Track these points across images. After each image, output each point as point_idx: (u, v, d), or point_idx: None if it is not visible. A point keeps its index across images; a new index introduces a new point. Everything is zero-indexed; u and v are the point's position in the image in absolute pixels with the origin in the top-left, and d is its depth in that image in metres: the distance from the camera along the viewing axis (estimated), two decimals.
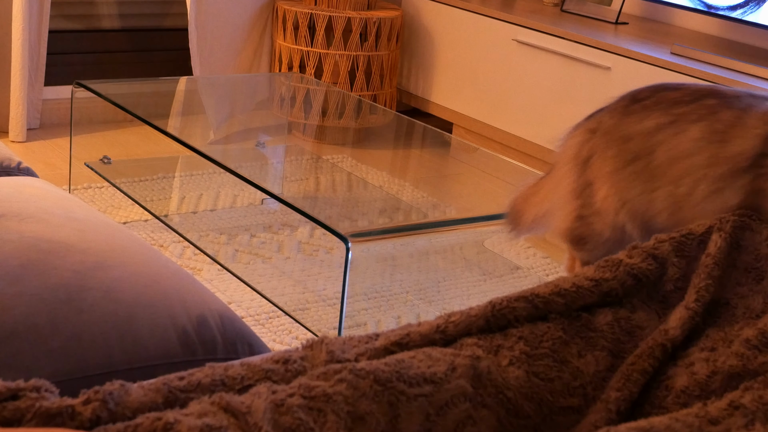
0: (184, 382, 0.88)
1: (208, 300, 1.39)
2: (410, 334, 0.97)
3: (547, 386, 0.94)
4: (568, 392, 0.94)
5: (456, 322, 0.99)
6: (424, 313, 2.65)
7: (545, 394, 0.94)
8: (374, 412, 0.86)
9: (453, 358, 0.93)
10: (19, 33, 3.46)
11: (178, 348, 1.29)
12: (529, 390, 0.93)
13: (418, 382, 0.89)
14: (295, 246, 2.96)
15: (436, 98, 4.12)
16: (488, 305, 1.00)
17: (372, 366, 0.89)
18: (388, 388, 0.87)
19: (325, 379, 0.87)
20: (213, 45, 3.89)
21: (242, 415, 0.82)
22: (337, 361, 0.93)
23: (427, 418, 0.88)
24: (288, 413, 0.83)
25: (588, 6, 3.90)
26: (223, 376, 0.90)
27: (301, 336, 2.45)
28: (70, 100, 3.23)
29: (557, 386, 0.95)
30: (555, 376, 0.95)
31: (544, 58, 3.62)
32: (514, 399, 0.92)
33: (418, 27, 4.16)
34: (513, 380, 0.93)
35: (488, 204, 3.12)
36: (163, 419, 0.80)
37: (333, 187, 3.41)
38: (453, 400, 0.89)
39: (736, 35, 3.60)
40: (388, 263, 2.94)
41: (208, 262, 2.78)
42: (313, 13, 3.86)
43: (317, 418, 0.84)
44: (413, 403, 0.88)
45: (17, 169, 1.80)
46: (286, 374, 0.91)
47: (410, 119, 3.46)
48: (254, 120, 3.71)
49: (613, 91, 3.40)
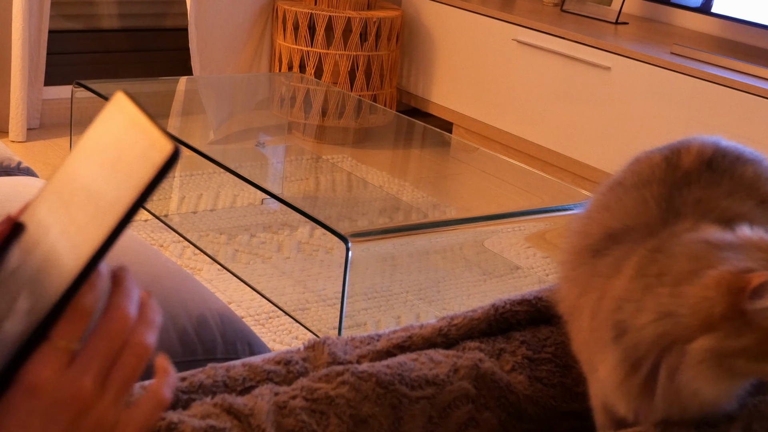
0: (185, 383, 0.88)
1: (208, 300, 1.39)
2: (412, 337, 0.97)
3: (550, 391, 0.94)
4: (570, 397, 0.94)
5: (458, 324, 0.99)
6: (424, 313, 2.65)
7: (548, 399, 0.93)
8: (377, 414, 0.86)
9: (455, 360, 0.92)
10: (19, 33, 3.45)
11: (178, 348, 1.29)
12: (532, 394, 0.93)
13: (420, 385, 0.89)
14: (295, 246, 2.96)
15: (436, 98, 4.12)
16: (490, 308, 1.00)
17: (374, 368, 0.89)
18: (390, 391, 0.87)
19: (328, 381, 0.87)
20: (213, 45, 3.89)
21: (245, 417, 0.82)
22: (338, 362, 0.93)
23: (429, 420, 0.88)
24: (291, 415, 0.83)
25: (588, 6, 3.90)
26: (224, 377, 0.90)
27: (301, 336, 2.45)
28: (70, 100, 3.23)
29: (560, 391, 0.94)
30: (558, 381, 0.95)
31: (544, 58, 3.62)
32: (516, 403, 0.92)
33: (418, 27, 4.16)
34: (516, 384, 0.93)
35: (488, 204, 3.13)
36: (166, 420, 0.80)
37: (333, 187, 3.42)
38: (455, 402, 0.89)
39: (736, 35, 3.60)
40: (388, 263, 2.94)
41: (208, 262, 2.78)
42: (313, 13, 3.86)
43: (320, 420, 0.84)
44: (415, 405, 0.88)
45: (17, 169, 1.80)
46: (287, 375, 0.91)
47: (410, 119, 3.46)
48: (254, 120, 3.71)
49: (613, 91, 3.41)
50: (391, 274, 2.87)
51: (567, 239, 0.90)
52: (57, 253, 0.62)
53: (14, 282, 0.64)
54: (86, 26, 3.90)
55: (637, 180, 0.87)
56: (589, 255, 0.85)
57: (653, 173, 0.86)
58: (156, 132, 0.62)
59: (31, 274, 0.63)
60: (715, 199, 0.83)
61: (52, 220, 0.64)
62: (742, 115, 3.03)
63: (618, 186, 0.88)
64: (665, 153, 0.88)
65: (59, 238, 0.63)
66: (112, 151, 0.64)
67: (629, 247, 0.81)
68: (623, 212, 0.85)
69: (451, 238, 3.11)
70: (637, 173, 0.88)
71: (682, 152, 0.87)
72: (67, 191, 0.64)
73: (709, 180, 0.85)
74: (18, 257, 0.65)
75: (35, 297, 0.62)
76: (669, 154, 0.88)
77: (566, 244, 0.90)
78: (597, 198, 0.90)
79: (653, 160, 0.88)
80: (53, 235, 0.63)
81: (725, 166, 0.86)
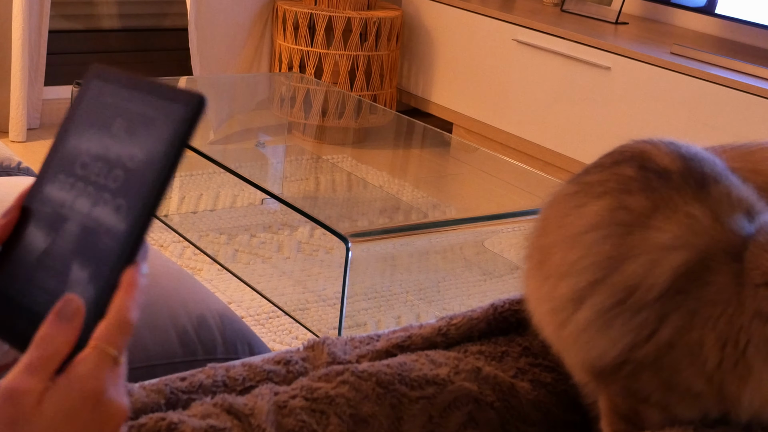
0: (185, 383, 0.88)
1: (208, 300, 1.39)
2: (411, 336, 0.97)
3: (553, 399, 0.94)
4: (572, 408, 0.94)
5: (457, 324, 0.99)
6: (424, 313, 2.65)
7: (551, 406, 0.93)
8: (377, 414, 0.86)
9: (457, 363, 0.92)
10: (19, 33, 3.45)
11: (178, 348, 1.29)
12: (535, 398, 0.93)
13: (421, 385, 0.89)
14: (295, 246, 2.96)
15: (436, 98, 4.12)
16: (490, 308, 1.00)
17: (374, 368, 0.89)
18: (390, 391, 0.87)
19: (328, 380, 0.87)
20: (213, 45, 3.89)
21: (245, 417, 0.82)
22: (338, 362, 0.93)
23: (429, 419, 0.88)
24: (291, 415, 0.83)
25: (588, 6, 3.90)
26: (224, 377, 0.90)
27: (301, 336, 2.45)
28: (70, 100, 3.23)
29: (563, 400, 0.94)
30: (561, 390, 0.94)
31: (544, 58, 3.62)
32: (519, 406, 0.91)
33: (418, 27, 4.16)
34: (519, 388, 0.93)
35: (488, 204, 3.12)
36: (166, 420, 0.80)
37: (333, 187, 3.42)
38: (456, 402, 0.89)
39: (736, 35, 3.60)
40: (388, 263, 2.94)
41: (208, 262, 2.78)
42: (313, 13, 3.86)
43: (320, 420, 0.84)
44: (415, 405, 0.88)
45: (17, 169, 1.80)
46: (287, 375, 0.91)
47: (410, 119, 3.46)
48: (254, 120, 3.70)
49: (613, 91, 3.41)
50: (391, 274, 2.87)
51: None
52: (98, 220, 0.64)
53: (55, 258, 0.65)
54: (86, 26, 3.90)
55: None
56: None
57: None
58: (166, 88, 0.65)
59: (73, 246, 0.65)
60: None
61: (71, 195, 0.66)
62: (742, 115, 3.03)
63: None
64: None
65: (92, 207, 0.65)
66: (116, 118, 0.66)
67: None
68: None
69: (451, 238, 3.11)
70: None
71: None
72: (77, 166, 0.67)
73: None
74: (43, 237, 0.66)
75: (93, 263, 0.64)
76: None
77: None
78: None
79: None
80: (82, 207, 0.65)
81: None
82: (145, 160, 0.64)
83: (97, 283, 0.63)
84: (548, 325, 0.85)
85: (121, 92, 0.67)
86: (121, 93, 0.67)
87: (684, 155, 0.82)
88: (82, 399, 0.59)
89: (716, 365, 0.76)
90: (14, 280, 0.66)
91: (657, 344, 0.77)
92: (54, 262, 0.65)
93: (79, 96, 0.69)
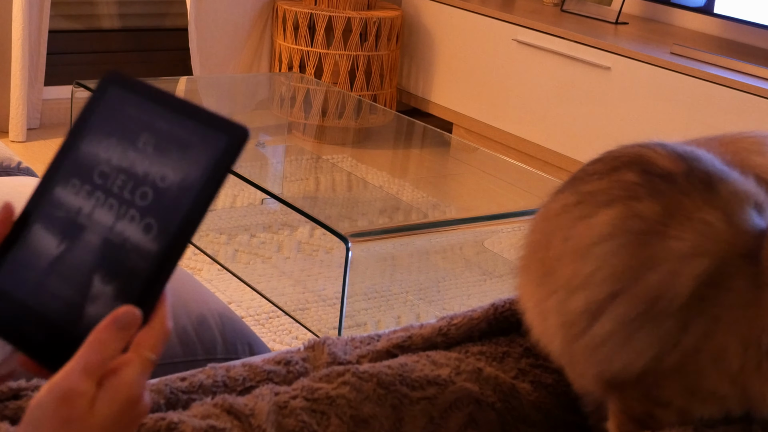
0: (185, 383, 0.88)
1: (208, 300, 1.39)
2: (412, 337, 0.97)
3: (554, 400, 0.94)
4: (573, 409, 0.94)
5: (458, 324, 0.98)
6: (424, 313, 2.65)
7: (552, 407, 0.93)
8: (378, 415, 0.86)
9: (458, 363, 0.92)
10: (19, 33, 3.45)
11: (178, 348, 1.29)
12: (536, 399, 0.93)
13: (422, 385, 0.89)
14: (295, 246, 2.95)
15: (436, 98, 4.12)
16: (490, 307, 1.00)
17: (375, 369, 0.89)
18: (391, 391, 0.87)
19: (328, 381, 0.87)
20: (213, 45, 3.89)
21: (245, 417, 0.82)
22: (338, 362, 0.93)
23: (430, 420, 0.88)
24: (291, 415, 0.83)
25: (588, 6, 3.90)
26: (224, 378, 0.90)
27: (301, 336, 2.45)
28: (70, 100, 3.23)
29: (564, 401, 0.94)
30: (562, 391, 0.94)
31: (544, 58, 3.62)
32: (520, 407, 0.91)
33: (418, 27, 4.16)
34: (520, 389, 0.93)
35: (488, 204, 3.12)
36: (167, 419, 0.80)
37: (333, 187, 3.41)
38: (457, 403, 0.89)
39: (735, 35, 3.60)
40: (388, 263, 2.94)
41: (208, 262, 2.78)
42: (313, 13, 3.86)
43: (320, 420, 0.84)
44: (416, 406, 0.87)
45: (17, 169, 1.80)
46: (287, 375, 0.91)
47: (410, 119, 3.46)
48: (254, 120, 3.70)
49: (613, 91, 3.40)
50: (391, 274, 2.87)
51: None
52: (123, 236, 0.63)
53: (71, 267, 0.64)
54: (86, 26, 3.90)
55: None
56: None
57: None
58: (205, 112, 0.63)
59: (93, 258, 0.63)
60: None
61: (89, 204, 0.64)
62: (742, 115, 3.03)
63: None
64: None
65: (116, 221, 0.63)
66: (141, 132, 0.64)
67: None
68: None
69: (451, 238, 3.11)
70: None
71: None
72: (95, 174, 0.64)
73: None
74: (55, 242, 0.65)
75: (119, 279, 0.63)
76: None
77: None
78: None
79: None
80: (103, 219, 0.64)
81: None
82: (179, 184, 0.62)
83: (126, 300, 0.63)
84: (556, 339, 0.83)
85: (147, 105, 0.64)
86: (146, 106, 0.64)
87: (683, 155, 0.80)
88: (127, 403, 0.62)
89: (740, 367, 0.76)
90: (22, 282, 0.64)
91: (681, 352, 0.77)
92: (70, 271, 0.64)
93: (94, 100, 0.66)
